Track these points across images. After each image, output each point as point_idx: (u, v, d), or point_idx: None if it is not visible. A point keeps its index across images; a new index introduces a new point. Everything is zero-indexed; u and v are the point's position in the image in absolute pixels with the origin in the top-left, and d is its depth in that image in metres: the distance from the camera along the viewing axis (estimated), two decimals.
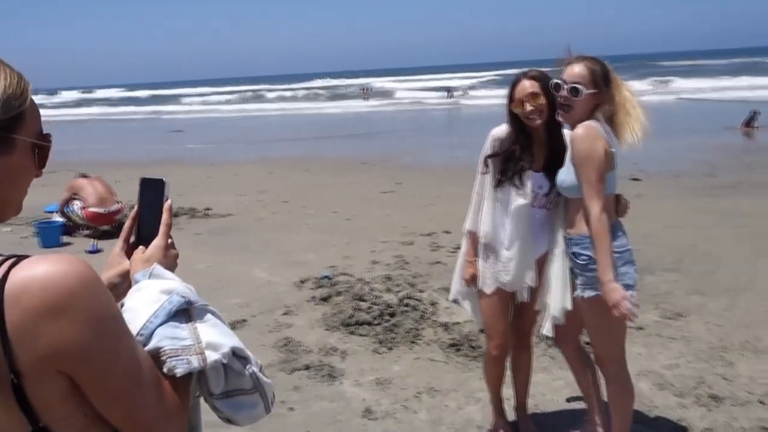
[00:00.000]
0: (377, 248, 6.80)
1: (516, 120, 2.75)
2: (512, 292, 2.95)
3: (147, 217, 1.21)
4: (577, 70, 2.53)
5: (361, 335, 4.43)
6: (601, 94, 2.53)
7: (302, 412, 3.46)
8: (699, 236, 6.54)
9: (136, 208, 1.22)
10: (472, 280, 2.95)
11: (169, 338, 1.00)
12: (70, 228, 7.81)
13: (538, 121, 2.70)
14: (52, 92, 79.71)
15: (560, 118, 2.64)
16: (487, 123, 3.30)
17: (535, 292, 2.92)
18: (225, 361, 1.04)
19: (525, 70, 2.85)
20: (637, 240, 2.77)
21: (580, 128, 2.51)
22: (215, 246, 7.32)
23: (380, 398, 3.58)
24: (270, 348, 4.29)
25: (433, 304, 4.87)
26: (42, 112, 1.02)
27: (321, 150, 17.61)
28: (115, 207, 7.83)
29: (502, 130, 2.85)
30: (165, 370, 0.98)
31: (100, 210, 7.64)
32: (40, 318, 0.82)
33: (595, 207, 2.46)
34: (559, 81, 2.56)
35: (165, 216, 1.20)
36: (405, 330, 4.42)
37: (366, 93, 48.20)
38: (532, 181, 2.77)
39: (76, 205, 7.70)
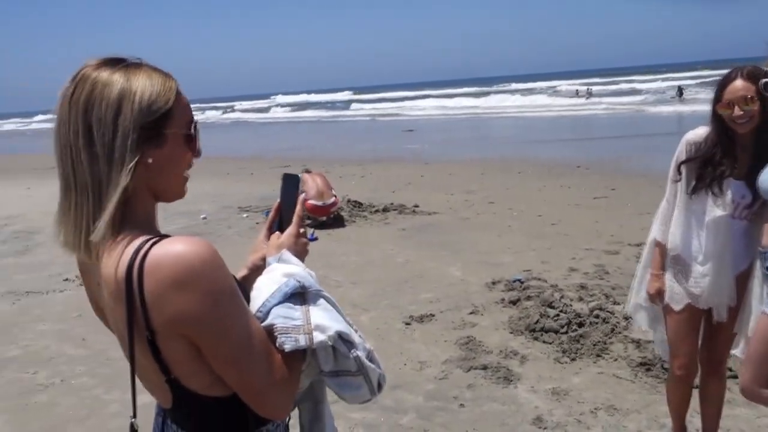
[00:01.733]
0: (578, 255, 6.54)
1: (720, 121, 2.49)
2: (704, 310, 2.69)
3: (286, 209, 1.37)
4: (748, 85, 2.25)
5: (544, 342, 4.34)
6: None
7: (472, 411, 3.51)
8: None
9: (278, 200, 1.40)
10: (657, 295, 2.74)
11: (282, 317, 1.14)
12: None
13: (746, 128, 2.42)
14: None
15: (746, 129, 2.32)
16: None
17: (734, 311, 2.64)
18: (330, 343, 1.15)
19: (740, 66, 2.52)
20: None
21: None
22: (417, 241, 7.64)
23: (554, 408, 3.49)
24: (452, 344, 4.40)
25: (626, 318, 4.57)
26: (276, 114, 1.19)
27: (536, 152, 17.26)
28: (331, 200, 8.58)
29: (698, 133, 2.60)
30: (277, 345, 1.12)
31: (318, 203, 8.44)
32: (168, 288, 1.01)
33: None
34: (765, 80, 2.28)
35: (298, 208, 1.36)
36: (592, 342, 4.23)
37: (585, 93, 46.00)
38: (732, 189, 2.51)
39: (300, 196, 8.59)
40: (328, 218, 8.65)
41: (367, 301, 5.46)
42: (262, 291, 1.19)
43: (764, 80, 2.32)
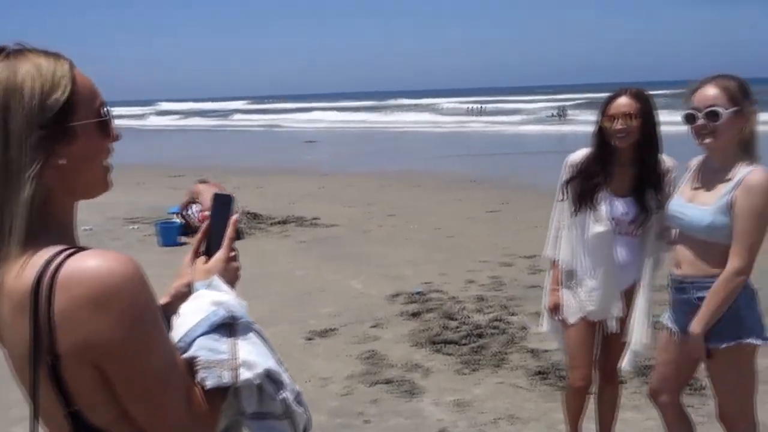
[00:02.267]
0: (475, 268, 6.72)
1: (601, 137, 2.63)
2: (598, 323, 2.81)
3: (216, 231, 1.24)
4: (710, 92, 2.26)
5: (446, 354, 4.39)
6: (743, 111, 2.25)
7: (377, 426, 3.48)
8: None
9: (207, 221, 1.27)
10: (555, 310, 2.85)
11: (207, 349, 1.02)
12: (188, 229, 8.38)
13: (625, 143, 2.56)
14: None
15: (704, 146, 2.33)
16: None
17: (624, 323, 2.76)
18: (257, 382, 1.04)
19: (627, 87, 2.67)
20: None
21: (759, 173, 2.21)
22: (317, 254, 7.55)
23: (457, 420, 3.52)
24: (354, 359, 4.35)
25: (523, 328, 4.74)
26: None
27: (431, 166, 17.68)
28: None
29: (578, 155, 2.76)
30: (197, 379, 1.00)
31: None
32: (82, 307, 0.88)
33: (740, 264, 2.19)
34: (690, 112, 2.29)
35: (230, 230, 1.23)
36: (491, 353, 4.33)
37: (478, 111, 48.08)
38: (615, 206, 2.64)
39: (194, 208, 8.23)
40: None
41: (266, 316, 5.29)
42: (187, 319, 1.07)
43: (684, 113, 2.33)
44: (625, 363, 2.78)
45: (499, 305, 5.27)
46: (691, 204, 2.37)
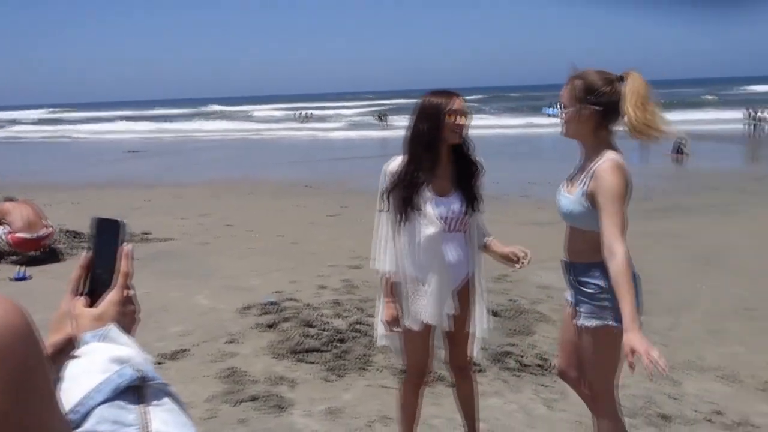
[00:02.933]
0: (324, 273, 6.67)
1: (425, 140, 2.62)
2: (433, 326, 2.78)
3: (102, 265, 1.00)
4: (564, 89, 2.47)
5: (310, 363, 4.29)
6: (581, 110, 2.40)
7: None
8: (640, 258, 6.68)
9: (87, 254, 1.01)
10: (393, 322, 2.76)
11: (110, 421, 0.79)
12: None
13: (459, 139, 2.65)
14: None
15: (562, 134, 2.52)
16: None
17: (462, 318, 2.78)
18: None
19: (456, 91, 2.72)
20: None
21: (607, 163, 2.35)
22: (154, 272, 7.00)
23: (331, 428, 3.44)
24: (213, 379, 4.08)
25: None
26: None
27: (264, 173, 17.36)
28: (43, 232, 7.40)
29: (395, 163, 2.72)
30: None
31: (27, 235, 7.20)
32: None
33: (620, 247, 2.27)
34: (558, 103, 2.56)
35: (123, 264, 0.99)
36: (355, 356, 4.30)
37: (305, 118, 48.47)
38: (442, 206, 2.67)
39: (1, 230, 7.25)
40: (41, 252, 7.44)
41: None
42: (80, 382, 0.82)
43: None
44: (475, 352, 2.84)
45: (355, 308, 5.27)
46: (565, 193, 2.54)
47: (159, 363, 4.35)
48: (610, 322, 2.40)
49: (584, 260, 2.47)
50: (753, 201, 10.62)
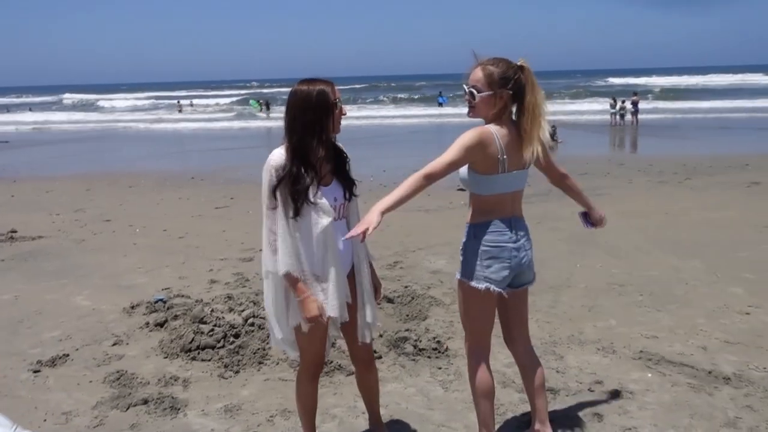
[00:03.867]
0: (215, 266, 6.47)
1: (314, 130, 2.56)
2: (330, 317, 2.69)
3: None
4: (476, 74, 2.64)
5: (203, 360, 4.14)
6: (497, 96, 2.63)
7: None
8: None
9: None
10: (321, 312, 2.61)
11: None
12: None
13: (340, 128, 2.66)
14: None
15: (469, 116, 2.74)
16: None
17: (353, 306, 2.77)
18: None
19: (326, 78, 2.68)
20: None
21: (473, 129, 2.63)
22: (24, 273, 6.49)
23: (230, 426, 3.34)
24: (100, 384, 3.84)
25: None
26: None
27: (142, 165, 16.50)
28: None
29: (278, 157, 2.57)
30: None
31: None
32: None
33: (426, 168, 2.54)
34: (465, 85, 2.68)
35: None
36: (252, 351, 4.21)
37: (180, 106, 46.82)
38: (329, 195, 2.64)
39: None
40: None
41: None
42: None
43: (463, 85, 2.70)
44: (368, 339, 2.81)
45: (249, 301, 5.13)
46: None
47: (35, 371, 4.04)
48: (458, 276, 2.81)
49: (467, 221, 2.83)
50: (618, 184, 11.51)
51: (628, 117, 26.58)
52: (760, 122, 25.51)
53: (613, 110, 27.29)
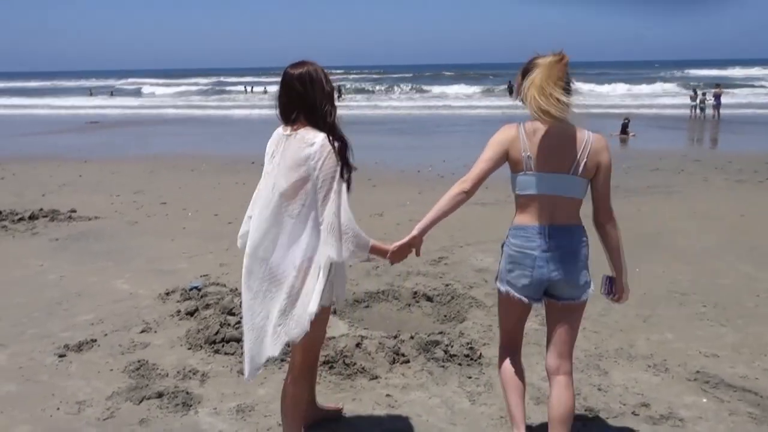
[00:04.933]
0: None
1: (333, 108, 2.63)
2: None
3: None
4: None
5: (227, 354, 4.02)
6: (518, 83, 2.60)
7: None
8: None
9: None
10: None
11: None
12: None
13: None
14: None
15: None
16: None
17: None
18: None
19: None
20: None
21: None
22: (75, 253, 6.60)
23: (239, 429, 3.19)
24: (119, 373, 3.78)
25: None
26: None
27: (209, 148, 16.78)
28: None
29: (325, 137, 2.56)
30: None
31: None
32: None
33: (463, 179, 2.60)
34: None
35: None
36: None
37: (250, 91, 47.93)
38: None
39: None
40: None
41: (5, 334, 4.42)
42: None
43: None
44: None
45: None
46: None
47: (61, 356, 4.02)
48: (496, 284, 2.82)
49: None
50: (691, 182, 10.73)
51: (709, 111, 25.00)
52: None
53: (693, 103, 25.75)
